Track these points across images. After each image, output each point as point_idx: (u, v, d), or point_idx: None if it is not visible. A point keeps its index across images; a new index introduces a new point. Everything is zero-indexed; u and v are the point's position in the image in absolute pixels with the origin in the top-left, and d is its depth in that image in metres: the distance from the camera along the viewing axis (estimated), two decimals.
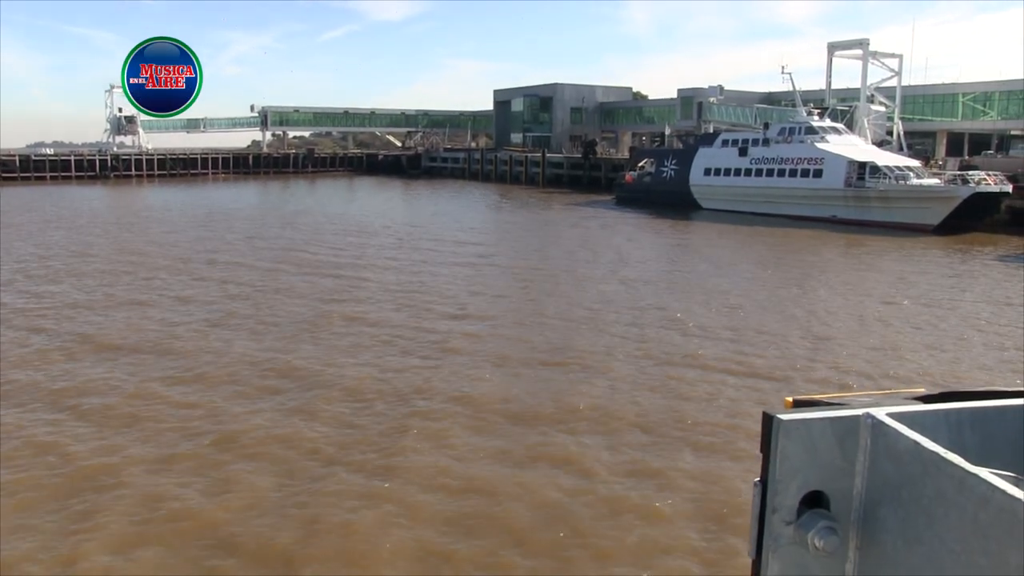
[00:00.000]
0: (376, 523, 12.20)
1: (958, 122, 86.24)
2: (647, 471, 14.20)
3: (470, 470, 14.15)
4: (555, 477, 13.91)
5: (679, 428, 16.32)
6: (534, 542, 11.79)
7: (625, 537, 11.95)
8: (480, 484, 13.61)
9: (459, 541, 11.76)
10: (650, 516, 12.60)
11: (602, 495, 13.23)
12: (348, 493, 13.16)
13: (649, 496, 13.23)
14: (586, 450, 15.10)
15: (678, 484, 13.66)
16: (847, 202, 58.43)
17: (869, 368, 21.12)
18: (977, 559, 1.26)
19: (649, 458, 14.77)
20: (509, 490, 13.37)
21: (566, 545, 11.72)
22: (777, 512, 1.54)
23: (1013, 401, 1.67)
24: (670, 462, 14.58)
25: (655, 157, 79.82)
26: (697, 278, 35.52)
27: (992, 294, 32.72)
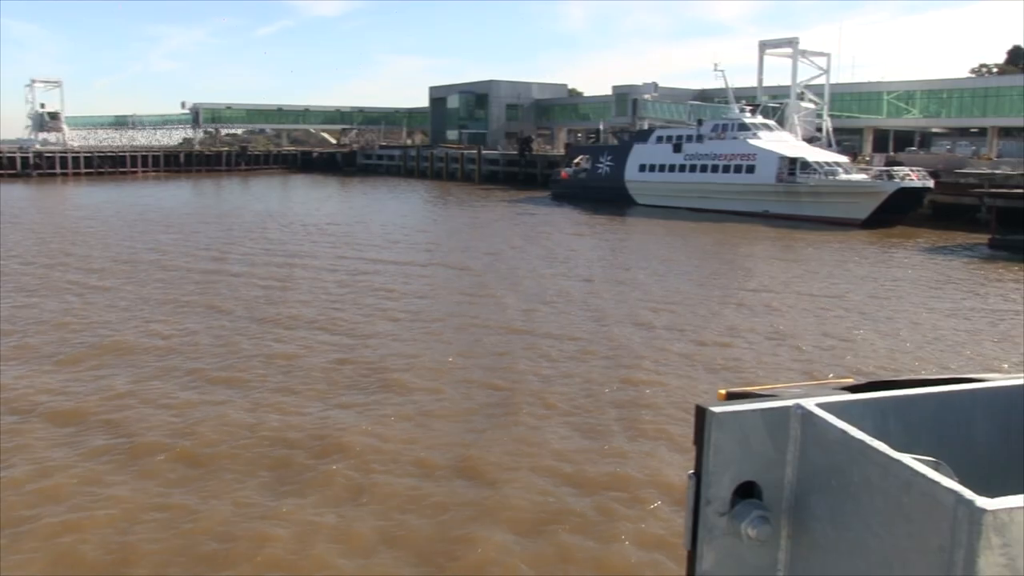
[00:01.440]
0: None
1: (883, 119, 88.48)
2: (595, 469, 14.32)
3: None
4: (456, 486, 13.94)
5: (603, 416, 16.50)
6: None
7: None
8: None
9: None
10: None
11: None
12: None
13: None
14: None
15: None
16: (779, 197, 59.51)
17: (802, 358, 21.52)
18: (901, 542, 1.30)
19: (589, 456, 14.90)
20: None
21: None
22: (711, 504, 1.56)
23: (933, 389, 1.72)
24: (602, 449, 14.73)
25: (591, 153, 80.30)
26: (632, 274, 35.80)
27: (916, 285, 33.57)
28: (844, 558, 1.44)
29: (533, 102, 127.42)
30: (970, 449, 1.71)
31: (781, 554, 1.59)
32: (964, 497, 1.17)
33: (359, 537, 11.65)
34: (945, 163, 67.81)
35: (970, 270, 38.47)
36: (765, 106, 74.20)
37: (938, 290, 32.74)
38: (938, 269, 38.45)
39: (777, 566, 1.59)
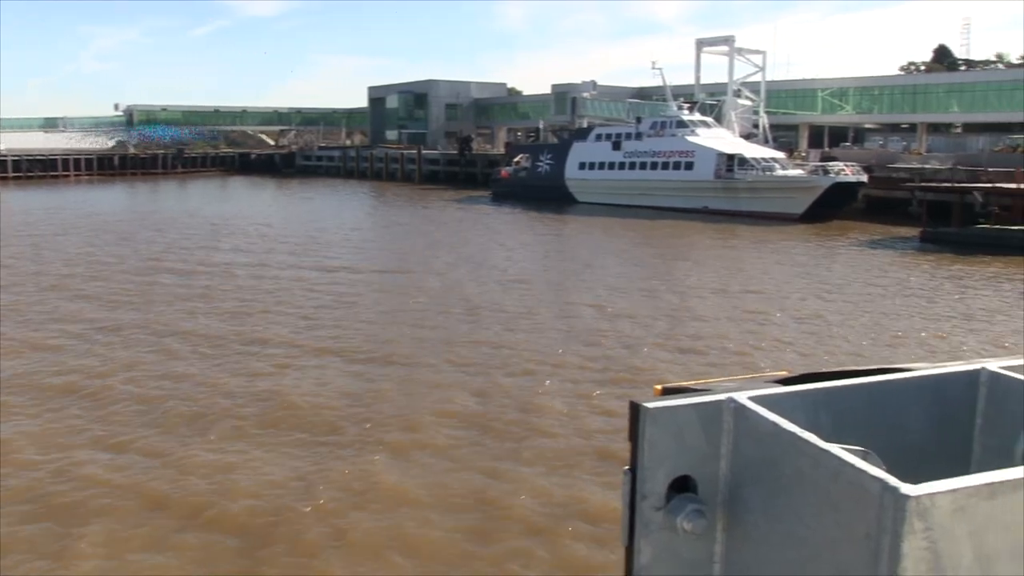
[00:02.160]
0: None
1: (818, 116, 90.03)
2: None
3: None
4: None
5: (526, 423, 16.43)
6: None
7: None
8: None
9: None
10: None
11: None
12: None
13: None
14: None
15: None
16: (717, 193, 60.16)
17: (739, 351, 21.67)
18: (831, 531, 1.32)
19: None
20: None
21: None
22: (647, 499, 1.57)
23: (863, 380, 1.75)
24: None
25: (530, 152, 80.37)
26: (573, 271, 35.87)
27: (852, 277, 34.13)
28: (777, 548, 1.47)
29: (473, 101, 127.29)
30: (899, 437, 1.74)
31: (717, 547, 1.60)
32: (889, 484, 1.20)
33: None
34: (878, 158, 69.22)
35: (903, 262, 39.21)
36: (703, 103, 74.92)
37: (872, 282, 33.27)
38: (873, 262, 39.12)
39: (713, 558, 1.61)
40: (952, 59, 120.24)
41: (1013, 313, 27.74)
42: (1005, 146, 78.48)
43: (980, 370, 1.82)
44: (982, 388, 1.81)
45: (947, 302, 29.43)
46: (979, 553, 1.22)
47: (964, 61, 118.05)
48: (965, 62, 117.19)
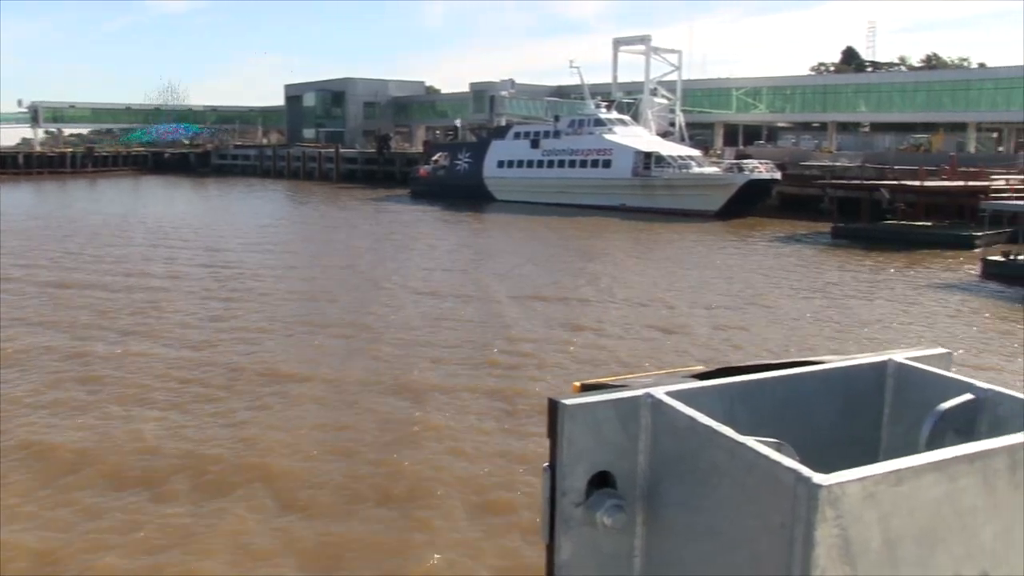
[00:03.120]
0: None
1: (733, 114, 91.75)
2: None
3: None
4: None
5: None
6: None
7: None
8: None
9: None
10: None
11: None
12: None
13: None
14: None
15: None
16: (635, 191, 60.81)
17: (658, 347, 21.84)
18: (747, 522, 1.36)
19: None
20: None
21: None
22: (566, 495, 1.58)
23: (777, 373, 1.79)
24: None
25: (449, 151, 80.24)
26: (490, 269, 35.79)
27: (767, 271, 34.77)
28: (696, 541, 1.50)
29: (391, 100, 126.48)
30: (812, 428, 1.77)
31: (637, 541, 1.62)
32: (802, 475, 1.24)
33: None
34: (790, 156, 70.89)
35: (815, 257, 40.15)
36: (620, 102, 75.59)
37: (786, 276, 33.96)
38: (786, 257, 39.97)
39: (633, 552, 1.63)
40: (859, 60, 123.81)
41: (916, 304, 28.56)
42: (909, 145, 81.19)
43: (887, 361, 1.87)
44: (889, 379, 1.87)
45: (856, 294, 30.16)
46: (886, 537, 1.28)
47: (870, 63, 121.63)
48: (871, 63, 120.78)
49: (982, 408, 1.67)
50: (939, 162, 58.42)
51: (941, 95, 78.32)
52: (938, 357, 1.90)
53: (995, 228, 40.90)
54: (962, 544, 1.34)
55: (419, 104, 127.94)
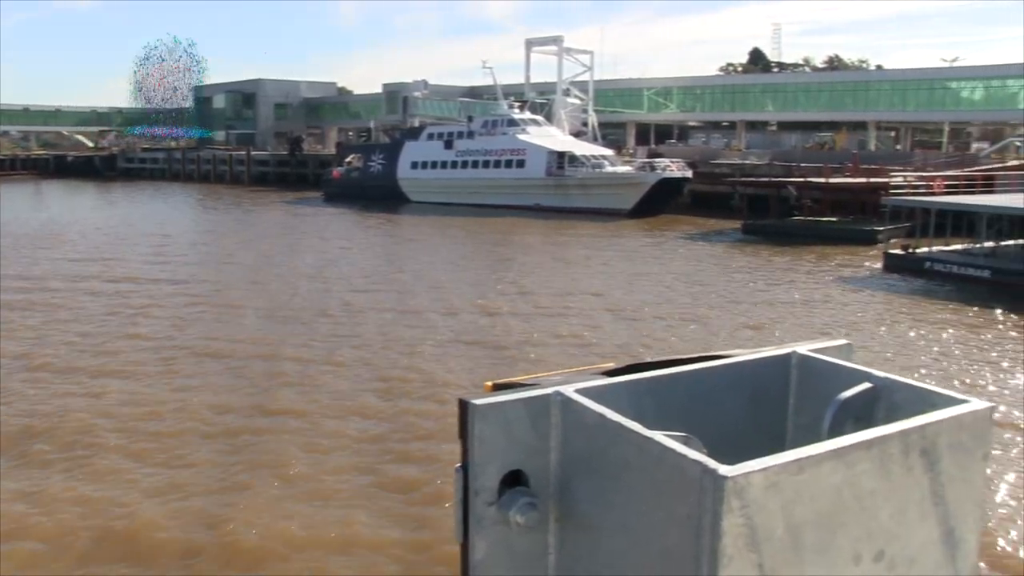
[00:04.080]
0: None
1: (644, 114, 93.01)
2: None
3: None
4: None
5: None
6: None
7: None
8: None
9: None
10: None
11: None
12: None
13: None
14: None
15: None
16: (549, 190, 61.13)
17: (572, 344, 21.93)
18: (657, 515, 1.38)
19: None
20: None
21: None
22: (479, 495, 1.59)
23: (685, 368, 1.82)
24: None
25: (362, 152, 79.58)
26: (405, 271, 35.56)
27: (680, 267, 35.29)
28: (609, 535, 1.52)
29: (303, 101, 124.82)
30: (720, 421, 1.81)
31: (550, 537, 1.63)
32: (708, 467, 1.27)
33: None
34: (701, 155, 72.15)
35: (726, 253, 40.91)
36: (533, 102, 75.89)
37: (698, 272, 34.50)
38: (699, 253, 40.63)
39: (547, 549, 1.64)
40: (766, 61, 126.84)
41: (823, 297, 29.30)
42: (814, 143, 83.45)
43: (791, 354, 1.91)
44: (793, 371, 1.91)
45: (766, 289, 30.80)
46: (789, 523, 1.31)
47: (776, 64, 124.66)
48: (777, 64, 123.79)
49: (880, 396, 1.72)
50: (842, 160, 60.24)
51: (843, 95, 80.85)
52: (839, 348, 1.95)
53: (895, 223, 42.22)
54: (861, 526, 1.39)
55: (331, 105, 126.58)
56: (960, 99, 76.42)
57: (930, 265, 33.02)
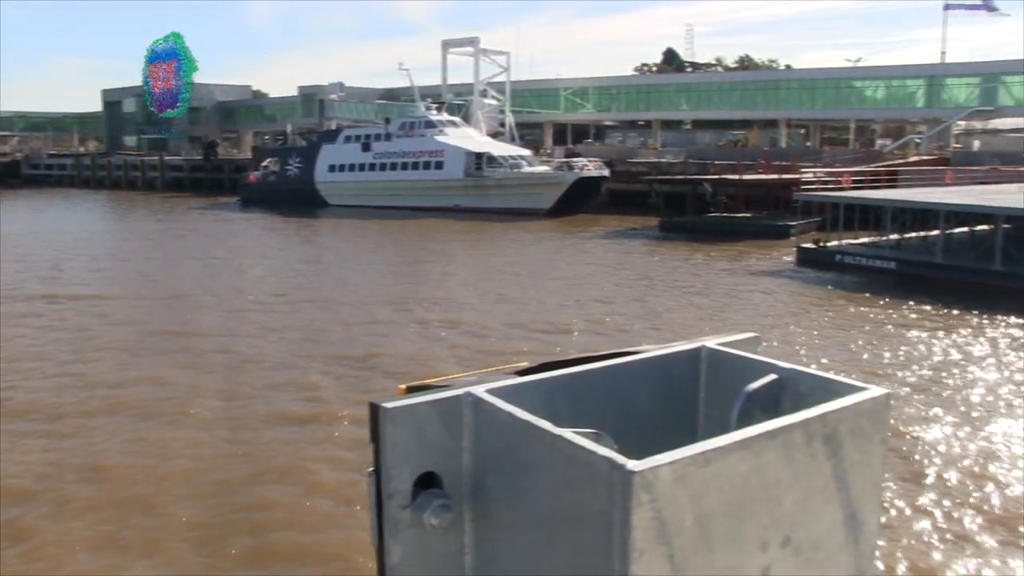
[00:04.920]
0: None
1: (561, 114, 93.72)
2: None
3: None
4: None
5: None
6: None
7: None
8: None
9: None
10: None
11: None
12: None
13: None
14: None
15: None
16: (468, 191, 61.21)
17: (488, 345, 21.99)
18: (568, 512, 1.38)
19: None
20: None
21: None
22: (392, 498, 1.57)
23: (597, 364, 1.81)
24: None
25: (279, 156, 78.50)
26: (323, 274, 35.26)
27: (599, 265, 35.66)
28: (523, 534, 1.52)
29: (216, 105, 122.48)
30: (632, 417, 1.82)
31: (466, 538, 1.63)
32: (616, 462, 1.27)
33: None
34: (618, 154, 73.02)
35: (644, 250, 41.47)
36: (450, 104, 75.86)
37: (617, 269, 34.92)
38: (617, 251, 41.10)
39: (463, 550, 1.64)
40: (679, 61, 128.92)
41: (738, 291, 29.93)
42: (728, 141, 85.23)
43: (701, 347, 1.93)
44: (703, 364, 1.93)
45: (683, 284, 31.34)
46: (698, 514, 1.32)
47: (689, 63, 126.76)
48: (690, 64, 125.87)
49: (785, 386, 1.76)
50: (755, 157, 61.61)
51: (755, 94, 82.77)
52: (747, 341, 1.98)
53: (807, 218, 43.34)
54: (768, 513, 1.43)
55: (246, 108, 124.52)
56: (864, 98, 79.10)
57: (840, 258, 34.03)
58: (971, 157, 63.81)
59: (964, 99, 72.38)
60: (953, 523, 11.69)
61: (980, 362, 20.38)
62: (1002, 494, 12.58)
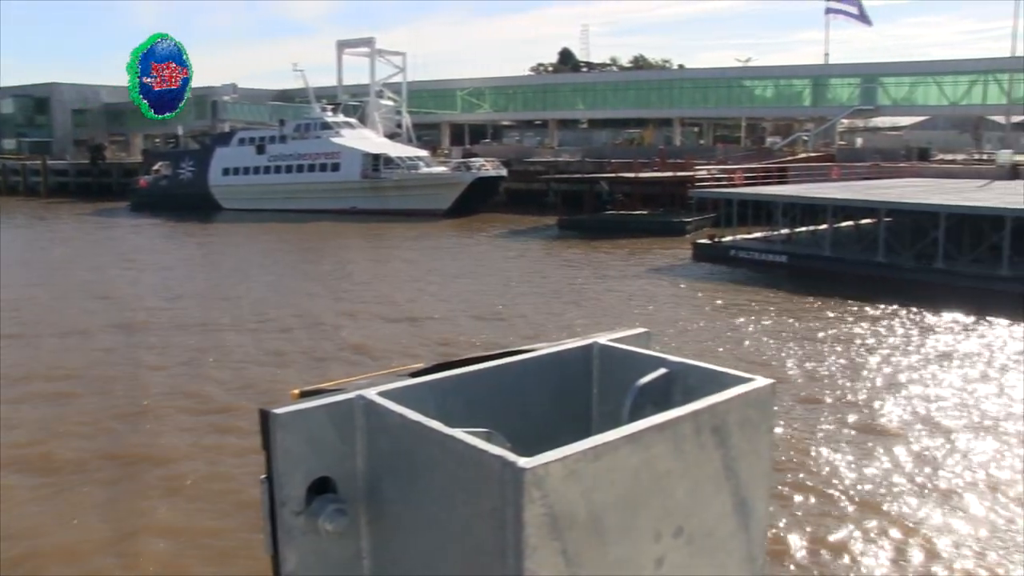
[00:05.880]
0: None
1: (458, 114, 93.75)
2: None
3: None
4: None
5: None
6: None
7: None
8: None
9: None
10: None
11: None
12: None
13: None
14: None
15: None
16: (365, 193, 60.66)
17: (388, 348, 21.77)
18: (463, 511, 1.41)
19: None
20: None
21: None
22: (286, 505, 1.57)
23: (489, 364, 1.85)
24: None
25: (171, 159, 76.40)
26: (218, 282, 34.43)
27: (499, 263, 35.72)
28: (420, 535, 1.53)
29: (103, 106, 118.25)
30: (526, 415, 1.85)
31: (362, 542, 1.64)
32: (507, 460, 1.30)
33: None
34: (516, 153, 73.45)
35: (543, 248, 41.77)
36: (346, 105, 74.99)
37: (517, 268, 35.05)
38: (517, 249, 41.28)
39: (360, 555, 1.64)
40: (575, 61, 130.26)
41: (636, 287, 30.34)
42: (624, 139, 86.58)
43: (592, 344, 1.96)
44: (595, 361, 1.97)
45: (582, 281, 31.61)
46: (591, 509, 1.35)
47: (585, 63, 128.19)
48: (586, 64, 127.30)
49: (675, 380, 1.79)
50: (650, 155, 62.76)
51: (649, 93, 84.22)
52: (639, 336, 2.01)
53: (702, 214, 44.21)
54: (659, 505, 1.45)
55: (135, 111, 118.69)
56: (755, 97, 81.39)
57: (734, 253, 34.78)
58: (855, 154, 66.25)
59: (847, 98, 75.14)
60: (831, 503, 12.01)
61: (863, 348, 21.16)
62: (861, 469, 13.00)
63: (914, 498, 12.24)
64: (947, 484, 12.75)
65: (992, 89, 68.35)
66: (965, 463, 13.52)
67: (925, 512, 11.82)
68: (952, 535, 11.16)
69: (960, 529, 11.33)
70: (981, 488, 12.61)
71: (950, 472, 13.18)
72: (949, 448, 14.11)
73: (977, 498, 12.25)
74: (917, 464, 13.48)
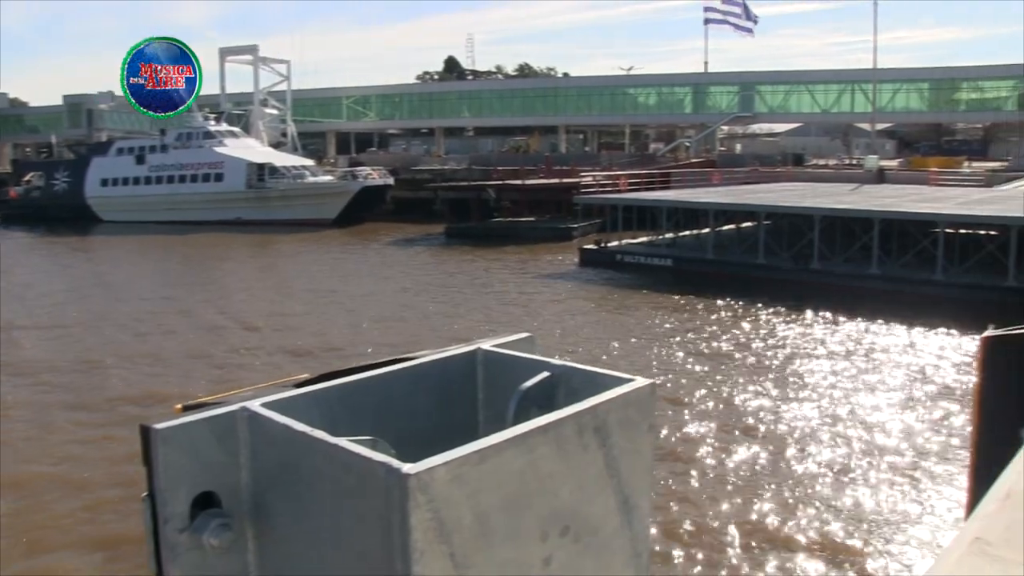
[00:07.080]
0: None
1: (344, 123, 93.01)
2: None
3: None
4: None
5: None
6: None
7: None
8: None
9: None
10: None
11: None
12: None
13: None
14: None
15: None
16: (250, 203, 59.53)
17: (277, 359, 21.58)
18: (349, 518, 1.42)
19: None
20: None
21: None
22: (169, 522, 1.54)
23: (375, 372, 1.86)
24: None
25: (44, 170, 73.60)
26: (98, 300, 33.41)
27: (387, 272, 35.62)
28: (307, 545, 1.52)
29: None
30: (412, 422, 1.87)
31: (249, 556, 1.62)
32: (392, 467, 1.30)
33: None
34: (403, 161, 73.33)
35: (431, 257, 41.83)
36: (230, 113, 73.43)
37: (405, 277, 34.99)
38: (404, 258, 41.27)
39: (247, 569, 1.63)
40: (460, 69, 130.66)
41: (524, 293, 30.72)
42: (510, 147, 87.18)
43: (476, 350, 2.00)
44: (479, 366, 2.00)
45: (470, 289, 31.81)
46: (477, 511, 1.37)
47: (471, 71, 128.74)
48: (471, 72, 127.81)
49: (559, 382, 1.84)
50: (537, 162, 63.54)
51: (534, 101, 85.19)
52: (523, 341, 2.07)
53: (588, 219, 44.87)
54: (545, 505, 1.49)
55: (3, 118, 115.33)
56: (638, 104, 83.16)
57: (620, 257, 35.53)
58: (734, 159, 68.60)
59: (726, 105, 77.56)
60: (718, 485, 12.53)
61: (744, 344, 22.12)
62: (746, 455, 13.62)
63: (772, 480, 12.90)
64: (803, 469, 13.52)
65: (859, 98, 71.73)
66: (819, 449, 14.34)
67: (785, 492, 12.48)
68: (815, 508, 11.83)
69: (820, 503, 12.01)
70: (834, 470, 13.37)
71: (807, 457, 13.97)
72: (811, 432, 14.96)
73: (831, 481, 13.01)
74: (777, 450, 14.22)
